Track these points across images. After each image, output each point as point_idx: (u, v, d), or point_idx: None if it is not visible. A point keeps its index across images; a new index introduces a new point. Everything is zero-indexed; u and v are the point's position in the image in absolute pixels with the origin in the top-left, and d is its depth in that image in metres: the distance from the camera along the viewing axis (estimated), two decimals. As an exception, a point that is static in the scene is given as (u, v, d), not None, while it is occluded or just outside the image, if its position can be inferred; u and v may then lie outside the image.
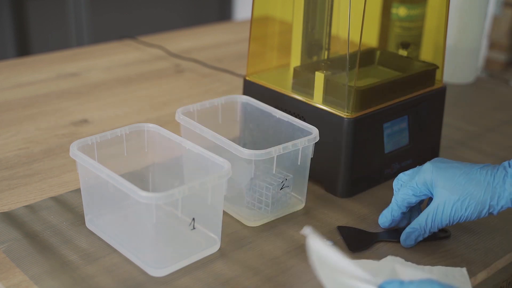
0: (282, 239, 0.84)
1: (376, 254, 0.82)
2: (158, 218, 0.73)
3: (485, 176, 0.78)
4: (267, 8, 1.07)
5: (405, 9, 1.23)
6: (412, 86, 1.00)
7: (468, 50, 1.38)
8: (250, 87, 1.03)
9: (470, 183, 0.78)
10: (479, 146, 1.12)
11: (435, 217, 0.80)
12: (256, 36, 1.03)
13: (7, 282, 0.74)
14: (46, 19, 2.68)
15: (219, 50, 1.56)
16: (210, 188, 0.76)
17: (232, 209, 0.89)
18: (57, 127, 1.13)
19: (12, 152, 1.04)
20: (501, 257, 0.83)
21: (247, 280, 0.76)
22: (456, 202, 0.78)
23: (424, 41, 1.18)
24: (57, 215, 0.87)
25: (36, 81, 1.32)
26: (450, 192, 0.79)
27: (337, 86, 0.93)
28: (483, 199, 0.77)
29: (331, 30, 0.99)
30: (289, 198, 0.90)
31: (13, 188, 0.94)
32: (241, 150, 0.81)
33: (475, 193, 0.78)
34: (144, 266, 0.77)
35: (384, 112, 0.95)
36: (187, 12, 3.12)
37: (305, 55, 1.01)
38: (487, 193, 0.77)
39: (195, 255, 0.79)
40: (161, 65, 1.44)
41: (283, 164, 0.87)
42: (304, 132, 0.88)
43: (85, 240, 0.82)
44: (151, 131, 0.86)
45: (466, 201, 0.78)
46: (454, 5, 1.34)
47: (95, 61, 1.45)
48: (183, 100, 1.26)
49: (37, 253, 0.79)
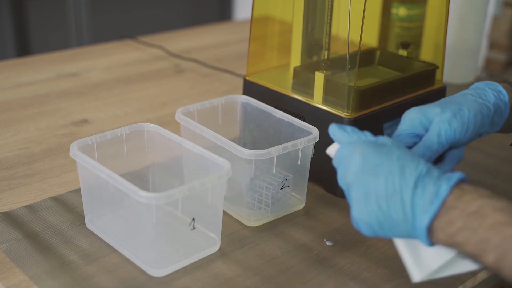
0: (282, 239, 0.84)
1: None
2: (158, 218, 0.73)
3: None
4: (267, 8, 1.07)
5: (405, 9, 1.23)
6: (412, 86, 1.00)
7: (468, 50, 1.38)
8: (250, 87, 1.03)
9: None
10: (479, 146, 1.12)
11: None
12: (256, 36, 1.03)
13: (7, 282, 0.74)
14: (46, 19, 2.68)
15: (219, 50, 1.56)
16: (210, 188, 0.76)
17: (232, 209, 0.89)
18: (57, 127, 1.13)
19: (12, 152, 1.04)
20: (501, 257, 0.83)
21: (247, 280, 0.76)
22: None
23: (424, 41, 1.18)
24: (57, 215, 0.87)
25: (36, 81, 1.32)
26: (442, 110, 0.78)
27: (337, 86, 0.93)
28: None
29: (331, 30, 0.99)
30: (289, 198, 0.90)
31: (13, 188, 0.94)
32: (241, 150, 0.81)
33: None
34: (144, 266, 0.77)
35: (384, 112, 0.95)
36: (187, 12, 3.12)
37: (305, 55, 1.01)
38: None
39: (195, 255, 0.79)
40: (161, 65, 1.44)
41: (283, 164, 0.87)
42: (304, 132, 0.88)
43: (85, 240, 0.82)
44: (151, 131, 0.86)
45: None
46: (454, 5, 1.34)
47: (95, 61, 1.45)
48: (183, 100, 1.26)
49: (37, 253, 0.79)
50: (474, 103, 0.78)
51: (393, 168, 0.64)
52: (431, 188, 0.61)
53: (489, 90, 0.80)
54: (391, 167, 0.64)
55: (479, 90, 0.81)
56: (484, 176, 1.03)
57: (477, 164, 1.06)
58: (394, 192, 0.63)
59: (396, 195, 0.63)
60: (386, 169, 0.64)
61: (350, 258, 0.81)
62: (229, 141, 0.83)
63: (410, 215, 0.62)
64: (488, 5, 1.40)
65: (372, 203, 0.64)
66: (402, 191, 0.62)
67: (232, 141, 0.83)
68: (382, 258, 0.81)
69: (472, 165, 1.06)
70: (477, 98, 0.79)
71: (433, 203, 0.61)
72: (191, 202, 0.76)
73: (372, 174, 0.64)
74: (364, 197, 0.64)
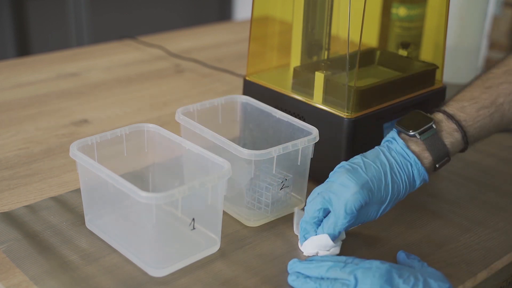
0: (282, 239, 0.84)
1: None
2: (158, 218, 0.73)
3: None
4: (267, 8, 1.07)
5: (405, 9, 1.23)
6: (412, 86, 1.00)
7: (468, 50, 1.38)
8: (250, 87, 1.03)
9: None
10: (479, 146, 1.12)
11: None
12: (256, 36, 1.03)
13: (7, 282, 0.74)
14: (46, 19, 2.68)
15: (219, 50, 1.56)
16: (210, 188, 0.76)
17: (232, 209, 0.89)
18: (57, 127, 1.13)
19: (12, 152, 1.04)
20: (501, 257, 0.83)
21: (247, 280, 0.76)
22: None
23: (424, 41, 1.18)
24: (57, 215, 0.87)
25: (36, 81, 1.32)
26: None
27: (337, 86, 0.93)
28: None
29: (331, 30, 0.99)
30: (289, 198, 0.90)
31: (13, 188, 0.94)
32: (241, 150, 0.81)
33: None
34: (144, 266, 0.77)
35: (384, 112, 0.95)
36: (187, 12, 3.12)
37: (305, 55, 1.01)
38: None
39: (195, 255, 0.79)
40: (161, 65, 1.44)
41: (283, 164, 0.87)
42: (304, 132, 0.88)
43: (85, 240, 0.82)
44: (151, 131, 0.86)
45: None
46: (454, 5, 1.34)
47: (95, 61, 1.45)
48: (183, 100, 1.26)
49: (37, 253, 0.79)
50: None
51: None
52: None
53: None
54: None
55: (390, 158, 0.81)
56: (484, 176, 1.03)
57: (477, 164, 1.06)
58: None
59: None
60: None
61: (350, 258, 0.81)
62: (229, 141, 0.83)
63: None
64: (488, 5, 1.40)
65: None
66: None
67: (232, 141, 0.83)
68: (382, 258, 0.81)
69: (472, 165, 1.06)
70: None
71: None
72: (191, 202, 0.76)
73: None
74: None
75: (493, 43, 1.78)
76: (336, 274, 0.71)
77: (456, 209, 0.93)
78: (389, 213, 0.91)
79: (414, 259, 0.77)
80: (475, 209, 0.93)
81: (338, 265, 0.72)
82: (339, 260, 0.74)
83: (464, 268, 0.80)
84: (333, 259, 0.75)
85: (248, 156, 0.81)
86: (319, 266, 0.73)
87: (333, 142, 0.92)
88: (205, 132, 0.86)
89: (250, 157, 0.81)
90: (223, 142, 0.84)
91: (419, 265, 0.76)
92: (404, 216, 0.90)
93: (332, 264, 0.72)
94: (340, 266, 0.72)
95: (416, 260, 0.77)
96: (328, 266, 0.72)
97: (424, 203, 0.93)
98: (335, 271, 0.71)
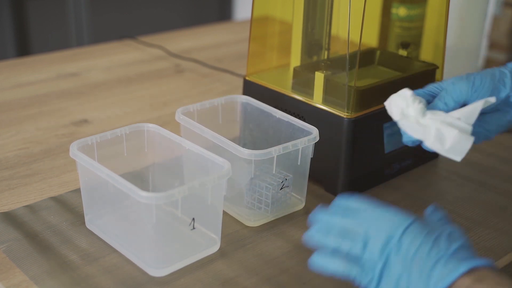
0: (282, 239, 0.84)
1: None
2: (158, 218, 0.73)
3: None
4: (267, 8, 1.07)
5: (405, 9, 1.23)
6: (412, 86, 0.99)
7: (468, 50, 1.38)
8: (250, 87, 1.03)
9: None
10: (479, 146, 1.12)
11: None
12: (256, 36, 1.03)
13: (7, 282, 0.74)
14: (46, 19, 2.68)
15: (219, 50, 1.56)
16: (210, 188, 0.76)
17: (232, 209, 0.89)
18: (57, 127, 1.13)
19: (12, 152, 1.04)
20: (501, 257, 0.83)
21: (247, 280, 0.76)
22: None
23: (424, 41, 1.18)
24: (57, 215, 0.87)
25: (36, 81, 1.32)
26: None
27: (337, 86, 0.93)
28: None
29: (331, 30, 0.99)
30: (289, 198, 0.90)
31: (13, 188, 0.94)
32: (241, 150, 0.81)
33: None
34: (144, 266, 0.77)
35: (384, 112, 0.94)
36: (187, 12, 3.12)
37: (305, 55, 1.01)
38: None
39: (195, 255, 0.79)
40: (161, 65, 1.44)
41: (283, 164, 0.87)
42: (304, 132, 0.88)
43: (85, 240, 0.82)
44: (151, 131, 0.86)
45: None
46: (454, 5, 1.33)
47: (95, 61, 1.45)
48: (183, 100, 1.26)
49: (37, 253, 0.79)
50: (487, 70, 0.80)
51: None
52: (450, 266, 0.61)
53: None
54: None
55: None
56: (484, 176, 1.03)
57: (477, 164, 1.06)
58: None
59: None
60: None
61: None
62: (229, 141, 0.83)
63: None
64: (488, 5, 1.40)
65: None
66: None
67: (232, 141, 0.83)
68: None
69: (472, 165, 1.06)
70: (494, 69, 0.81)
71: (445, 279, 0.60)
72: (191, 202, 0.76)
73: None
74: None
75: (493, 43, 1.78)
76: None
77: (456, 209, 0.93)
78: (389, 213, 0.91)
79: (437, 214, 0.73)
80: (475, 209, 0.93)
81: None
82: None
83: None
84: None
85: (248, 156, 0.81)
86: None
87: (333, 142, 0.92)
88: (205, 132, 0.86)
89: (250, 157, 0.81)
90: (223, 142, 0.84)
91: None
92: (404, 216, 0.90)
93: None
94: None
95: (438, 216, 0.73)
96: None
97: (424, 203, 0.93)
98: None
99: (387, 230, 0.64)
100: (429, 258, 0.62)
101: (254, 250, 0.82)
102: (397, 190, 0.97)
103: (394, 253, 0.63)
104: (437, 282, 0.60)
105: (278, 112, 0.92)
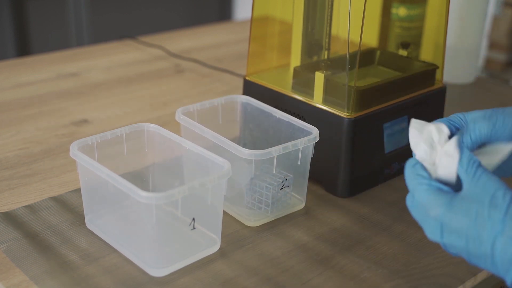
0: (282, 239, 0.84)
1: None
2: (158, 218, 0.73)
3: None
4: (267, 8, 1.07)
5: (405, 9, 1.23)
6: (412, 86, 1.00)
7: (468, 50, 1.38)
8: (250, 87, 1.03)
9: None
10: (479, 146, 1.12)
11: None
12: (256, 36, 1.03)
13: (7, 282, 0.74)
14: (46, 19, 2.68)
15: (219, 50, 1.56)
16: (210, 188, 0.76)
17: (232, 209, 0.89)
18: (57, 127, 1.13)
19: (12, 152, 1.04)
20: (501, 257, 0.83)
21: (247, 280, 0.76)
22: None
23: (424, 41, 1.18)
24: (57, 215, 0.87)
25: (36, 81, 1.32)
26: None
27: (337, 86, 0.93)
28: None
29: (331, 30, 0.99)
30: (289, 198, 0.90)
31: (13, 188, 0.94)
32: (241, 150, 0.81)
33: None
34: (144, 266, 0.77)
35: (384, 112, 0.95)
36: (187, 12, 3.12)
37: (305, 55, 1.01)
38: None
39: (195, 255, 0.79)
40: (161, 65, 1.44)
41: (283, 164, 0.87)
42: (304, 132, 0.88)
43: (85, 240, 0.82)
44: (151, 131, 0.86)
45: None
46: (454, 5, 1.34)
47: (95, 61, 1.45)
48: (183, 100, 1.26)
49: (37, 253, 0.79)
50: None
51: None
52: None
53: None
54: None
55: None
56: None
57: (477, 164, 1.06)
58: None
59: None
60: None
61: (350, 258, 0.81)
62: (229, 141, 0.83)
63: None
64: (488, 5, 1.40)
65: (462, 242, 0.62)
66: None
67: (232, 141, 0.83)
68: (382, 258, 0.81)
69: (472, 165, 1.05)
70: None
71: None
72: (191, 202, 0.76)
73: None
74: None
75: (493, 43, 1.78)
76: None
77: (456, 209, 0.93)
78: (389, 213, 0.91)
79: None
80: (475, 209, 0.93)
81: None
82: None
83: (464, 268, 0.80)
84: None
85: (248, 156, 0.81)
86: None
87: (333, 142, 0.92)
88: (205, 132, 0.86)
89: (250, 157, 0.81)
90: (223, 142, 0.84)
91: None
92: (404, 216, 0.90)
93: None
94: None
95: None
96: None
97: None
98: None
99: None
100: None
101: (254, 250, 0.82)
102: (397, 190, 0.97)
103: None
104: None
105: (278, 112, 0.92)
